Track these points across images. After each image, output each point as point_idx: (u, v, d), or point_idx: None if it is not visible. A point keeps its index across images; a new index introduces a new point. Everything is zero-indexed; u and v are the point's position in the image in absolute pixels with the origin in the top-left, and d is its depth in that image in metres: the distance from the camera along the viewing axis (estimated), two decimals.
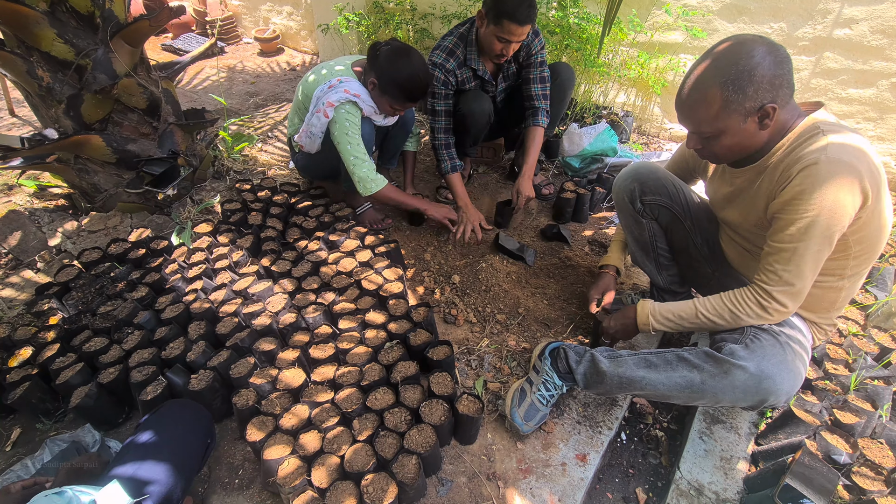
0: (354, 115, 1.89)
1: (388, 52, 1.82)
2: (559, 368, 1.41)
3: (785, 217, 1.12)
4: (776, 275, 1.15)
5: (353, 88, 1.88)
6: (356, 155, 1.92)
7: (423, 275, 2.01)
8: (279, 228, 2.07)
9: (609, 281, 1.65)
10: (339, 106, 1.87)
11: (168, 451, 1.07)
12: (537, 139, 2.21)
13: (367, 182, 1.95)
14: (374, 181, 1.95)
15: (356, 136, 1.91)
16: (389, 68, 1.82)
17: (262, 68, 4.39)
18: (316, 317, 1.60)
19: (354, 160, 1.92)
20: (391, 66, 1.82)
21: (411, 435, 1.26)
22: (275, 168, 2.74)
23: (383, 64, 1.83)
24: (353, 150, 1.91)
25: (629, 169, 1.54)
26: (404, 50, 1.83)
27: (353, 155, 1.92)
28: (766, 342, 1.15)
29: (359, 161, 1.93)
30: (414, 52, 1.84)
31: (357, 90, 1.89)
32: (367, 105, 1.91)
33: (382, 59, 1.83)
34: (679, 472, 1.35)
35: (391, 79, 1.83)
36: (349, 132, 1.89)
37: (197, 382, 1.41)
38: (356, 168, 1.93)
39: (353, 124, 1.89)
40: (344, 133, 1.89)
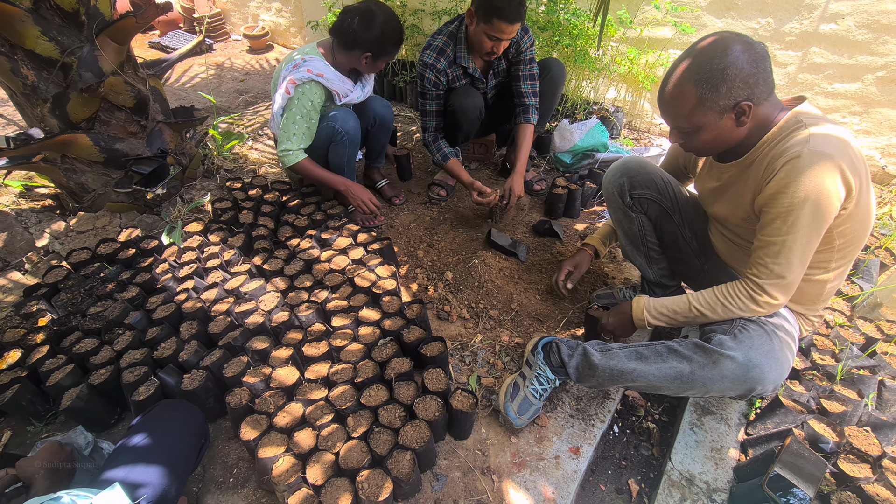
0: (314, 95, 1.93)
1: (361, 23, 1.84)
2: (552, 362, 1.43)
3: (772, 211, 1.13)
4: (766, 268, 1.16)
5: (317, 68, 1.91)
6: (293, 131, 1.95)
7: (416, 272, 2.01)
8: (271, 227, 2.06)
9: (584, 258, 1.70)
10: (301, 85, 1.90)
11: (161, 452, 1.07)
12: (528, 137, 2.21)
13: (288, 155, 1.97)
14: (295, 153, 1.97)
15: (304, 116, 1.94)
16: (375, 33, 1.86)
17: (252, 65, 4.35)
18: (309, 315, 1.60)
19: (285, 133, 1.95)
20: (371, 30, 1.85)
21: (406, 431, 1.27)
22: (265, 166, 2.73)
23: (369, 35, 1.86)
24: (292, 124, 1.94)
25: (618, 164, 1.55)
26: (369, 11, 1.85)
27: (289, 130, 1.95)
28: (754, 332, 1.17)
29: (290, 135, 1.95)
30: (373, 4, 1.88)
31: (321, 69, 1.91)
32: (332, 84, 1.94)
33: (362, 31, 1.85)
34: (671, 463, 1.37)
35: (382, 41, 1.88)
36: (300, 111, 1.92)
37: (190, 382, 1.40)
38: (284, 141, 1.96)
39: (308, 103, 1.92)
40: (294, 109, 1.92)
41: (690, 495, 1.30)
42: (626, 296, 1.82)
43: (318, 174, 2.02)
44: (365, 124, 2.15)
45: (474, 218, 2.36)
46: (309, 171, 2.01)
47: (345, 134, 1.98)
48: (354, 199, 2.06)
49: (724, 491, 1.30)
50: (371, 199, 2.07)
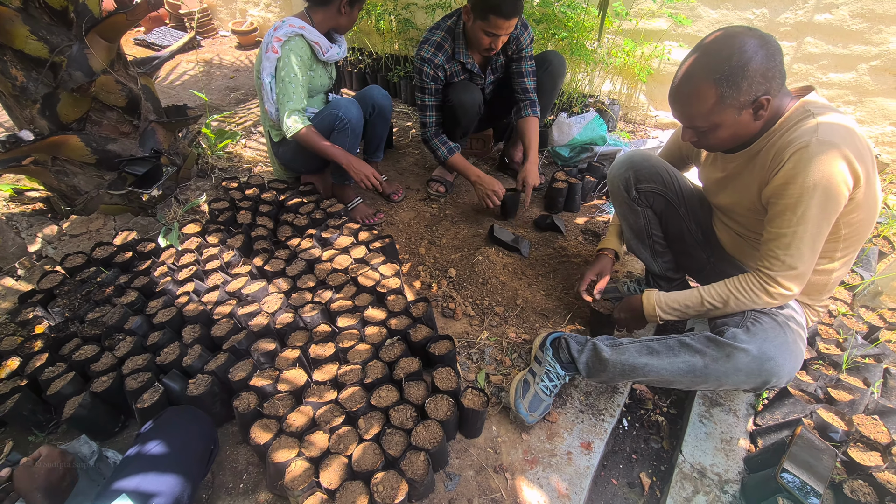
0: (301, 50, 1.95)
1: None
2: (561, 358, 1.42)
3: (781, 202, 1.13)
4: (778, 260, 1.16)
5: (297, 23, 1.95)
6: (291, 91, 1.95)
7: (419, 269, 2.00)
8: (270, 227, 2.02)
9: (606, 264, 1.66)
10: (287, 41, 1.93)
11: (172, 460, 1.05)
12: (534, 128, 2.21)
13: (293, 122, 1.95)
14: (299, 118, 1.96)
15: (297, 73, 1.94)
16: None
17: (241, 62, 4.28)
18: (314, 316, 1.58)
19: (284, 97, 1.95)
20: None
21: (418, 431, 1.26)
22: (261, 165, 2.68)
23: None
24: (289, 84, 1.94)
25: (623, 157, 1.54)
26: None
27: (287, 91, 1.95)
28: (767, 324, 1.17)
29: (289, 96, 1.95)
30: None
31: (301, 24, 1.96)
32: (313, 35, 1.98)
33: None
34: (682, 456, 1.37)
35: None
36: (293, 69, 1.93)
37: (195, 387, 1.37)
38: (285, 104, 1.96)
39: (298, 58, 1.94)
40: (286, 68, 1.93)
41: (703, 487, 1.30)
42: (629, 289, 1.82)
43: (320, 145, 1.99)
44: (363, 112, 2.12)
45: (475, 214, 2.35)
46: (311, 141, 1.98)
47: (347, 122, 1.96)
48: (357, 174, 2.03)
49: (735, 482, 1.31)
50: (374, 174, 2.04)
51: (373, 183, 2.06)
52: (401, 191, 2.46)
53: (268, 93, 2.03)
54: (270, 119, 2.13)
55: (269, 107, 2.07)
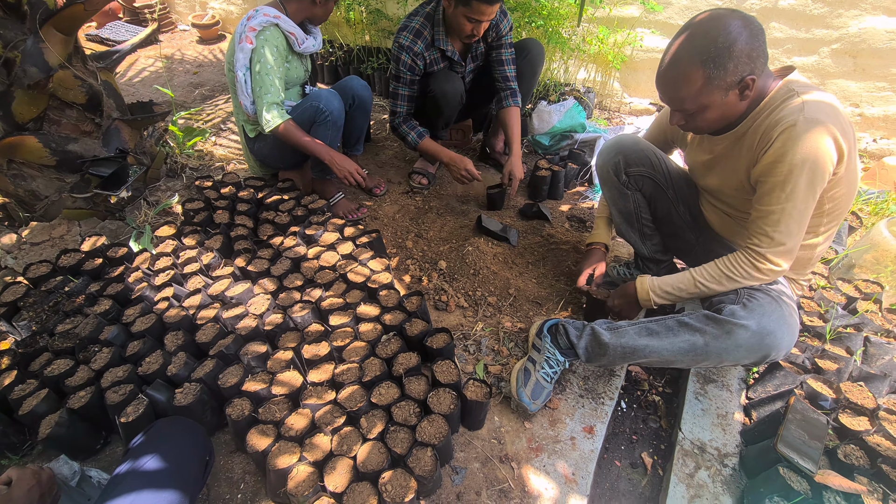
0: (277, 40, 1.89)
1: None
2: (560, 344, 1.42)
3: (769, 180, 1.16)
4: (767, 237, 1.19)
5: (272, 12, 1.88)
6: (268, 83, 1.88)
7: (408, 263, 1.96)
8: (250, 226, 1.95)
9: (599, 257, 1.67)
10: (262, 31, 1.87)
11: (168, 474, 0.98)
12: (516, 119, 2.19)
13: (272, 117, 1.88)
14: (278, 113, 1.89)
15: (274, 65, 1.88)
16: None
17: (204, 56, 4.10)
18: (304, 315, 1.52)
19: (262, 89, 1.88)
20: None
21: (423, 427, 1.23)
22: (234, 162, 2.58)
23: None
24: (265, 76, 1.87)
25: (612, 142, 1.54)
26: None
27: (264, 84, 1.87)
28: (763, 300, 1.19)
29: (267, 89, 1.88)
30: None
31: (276, 13, 1.89)
32: (288, 25, 1.91)
33: None
34: (681, 433, 1.40)
35: None
36: (269, 59, 1.86)
37: (183, 397, 1.30)
38: (263, 97, 1.88)
39: (274, 49, 1.88)
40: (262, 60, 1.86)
41: (704, 462, 1.33)
42: (619, 273, 1.84)
43: (301, 140, 1.92)
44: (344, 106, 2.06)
45: (461, 205, 2.32)
46: (292, 136, 1.91)
47: (329, 114, 1.90)
48: (340, 171, 1.98)
49: (734, 455, 1.34)
50: (357, 171, 1.99)
51: (356, 179, 2.00)
52: (383, 184, 2.41)
53: (242, 86, 1.94)
54: (245, 113, 2.04)
55: (244, 101, 1.99)
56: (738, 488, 1.28)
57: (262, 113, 1.88)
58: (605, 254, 1.69)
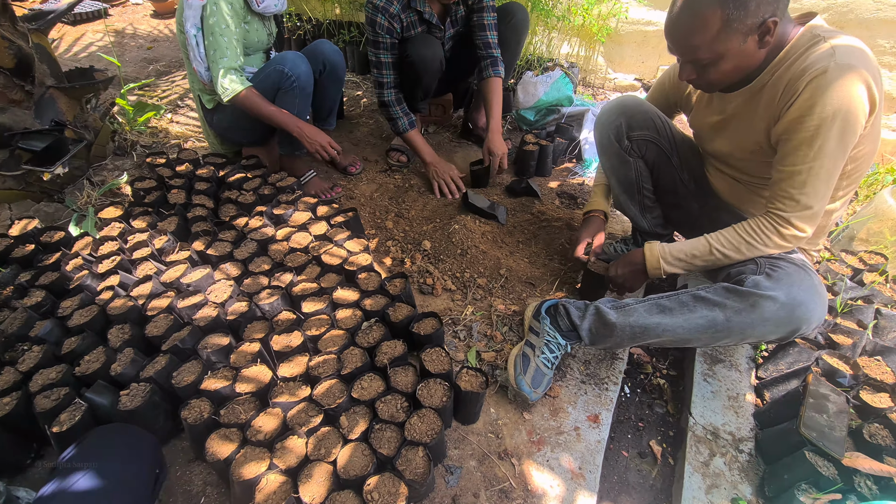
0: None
1: None
2: (560, 326, 1.29)
3: (795, 137, 1.04)
4: (792, 200, 1.07)
5: None
6: (224, 46, 1.67)
7: (388, 244, 1.79)
8: (209, 206, 1.74)
9: (599, 225, 1.54)
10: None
11: (103, 494, 0.80)
12: (497, 91, 2.03)
13: (229, 83, 1.67)
14: (237, 79, 1.68)
15: (229, 25, 1.67)
16: None
17: (160, 31, 3.78)
18: (273, 302, 1.34)
19: (217, 53, 1.67)
20: None
21: (412, 423, 1.08)
22: (192, 140, 2.34)
23: None
24: (220, 37, 1.66)
25: (614, 103, 1.41)
26: None
27: (218, 46, 1.66)
28: (789, 269, 1.08)
29: (222, 53, 1.67)
30: None
31: None
32: None
33: None
34: (692, 418, 1.29)
35: None
36: (223, 18, 1.65)
37: (129, 400, 1.11)
38: (218, 61, 1.67)
39: (229, 6, 1.65)
40: (215, 17, 1.65)
41: (718, 449, 1.22)
42: (616, 249, 1.72)
43: (265, 109, 1.71)
44: (313, 71, 1.86)
45: None
46: (254, 105, 1.70)
47: (295, 79, 1.69)
48: (311, 144, 1.77)
49: (749, 440, 1.24)
50: (330, 143, 1.80)
51: (329, 153, 1.81)
52: (358, 163, 2.22)
53: (194, 48, 1.72)
54: (200, 81, 1.82)
55: (197, 66, 1.76)
56: (756, 475, 1.17)
57: (219, 79, 1.66)
58: (605, 222, 1.56)
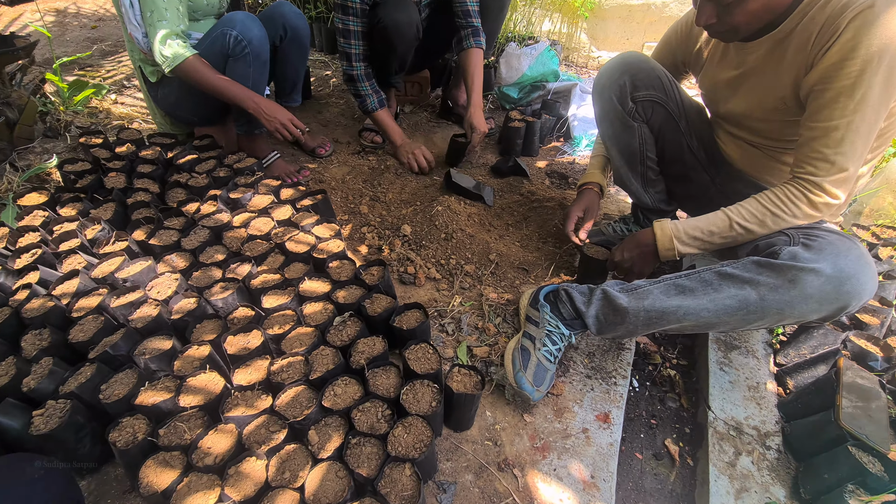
0: None
1: None
2: (562, 315, 1.13)
3: (833, 86, 0.90)
4: (826, 161, 0.93)
5: None
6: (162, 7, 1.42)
7: (364, 231, 1.60)
8: (154, 191, 1.51)
9: (593, 198, 1.39)
10: None
11: None
12: (479, 63, 1.86)
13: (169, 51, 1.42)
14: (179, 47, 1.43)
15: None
16: None
17: (106, 10, 3.46)
18: (227, 297, 1.14)
19: (154, 14, 1.42)
20: None
21: (397, 435, 0.90)
22: (139, 122, 2.08)
23: None
24: (163, 3, 1.42)
25: (615, 61, 1.25)
26: None
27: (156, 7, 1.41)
28: (830, 237, 0.94)
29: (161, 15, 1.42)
30: None
31: None
32: None
33: None
34: (711, 413, 1.15)
35: None
36: None
37: (44, 421, 0.90)
38: (156, 24, 1.43)
39: None
40: None
41: (744, 446, 1.08)
42: (616, 230, 1.57)
43: (212, 80, 1.47)
44: (271, 37, 1.64)
45: None
46: (201, 76, 1.46)
47: (247, 44, 1.47)
48: (270, 122, 1.54)
49: (776, 434, 1.11)
50: (292, 120, 1.56)
51: (291, 132, 1.59)
52: (328, 144, 2.02)
53: (128, 10, 1.48)
54: (140, 50, 1.58)
55: (133, 32, 1.52)
56: (787, 474, 1.04)
57: (157, 47, 1.43)
58: (600, 196, 1.41)
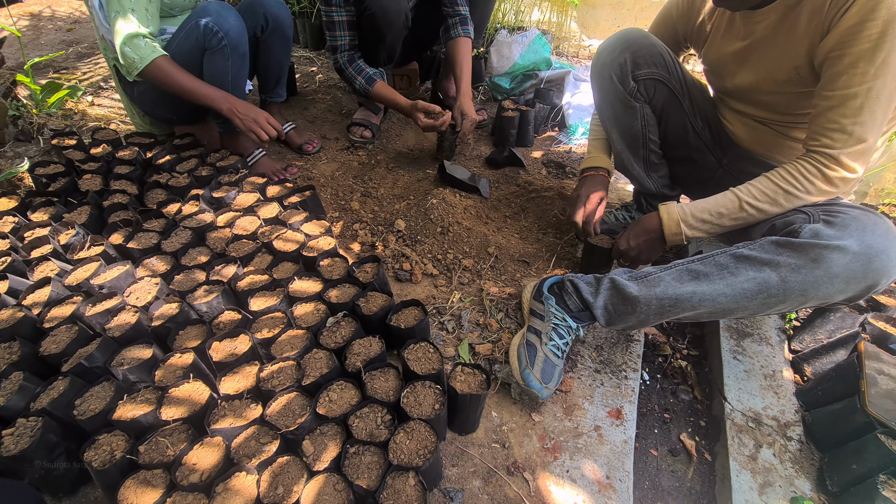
0: None
1: None
2: (569, 307, 1.07)
3: (851, 52, 0.85)
4: (843, 132, 0.88)
5: None
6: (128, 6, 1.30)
7: (355, 228, 1.53)
8: (133, 192, 1.43)
9: (601, 183, 1.28)
10: None
11: None
12: (467, 52, 1.79)
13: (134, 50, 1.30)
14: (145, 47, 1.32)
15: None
16: None
17: (81, 12, 3.36)
18: (212, 301, 1.07)
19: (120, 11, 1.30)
20: None
21: (398, 442, 0.83)
22: (116, 122, 2.00)
23: None
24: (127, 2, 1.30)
25: (615, 38, 1.19)
26: None
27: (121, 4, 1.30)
28: (853, 212, 0.89)
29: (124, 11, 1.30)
30: None
31: None
32: None
33: None
34: (728, 404, 1.09)
35: None
36: None
37: (14, 441, 0.82)
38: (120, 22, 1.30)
39: None
40: None
41: (763, 438, 1.03)
42: (618, 218, 1.51)
43: (182, 82, 1.36)
44: (252, 28, 1.56)
45: (414, 157, 1.91)
46: (169, 79, 1.35)
47: (223, 35, 1.39)
48: (243, 121, 1.42)
49: (796, 424, 1.05)
50: (268, 119, 1.45)
51: (268, 132, 1.45)
52: (315, 140, 1.94)
53: (97, 12, 1.40)
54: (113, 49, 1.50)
55: (106, 34, 1.44)
56: (812, 466, 0.99)
57: (121, 49, 1.32)
58: (608, 181, 1.32)
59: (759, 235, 0.99)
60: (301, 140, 1.92)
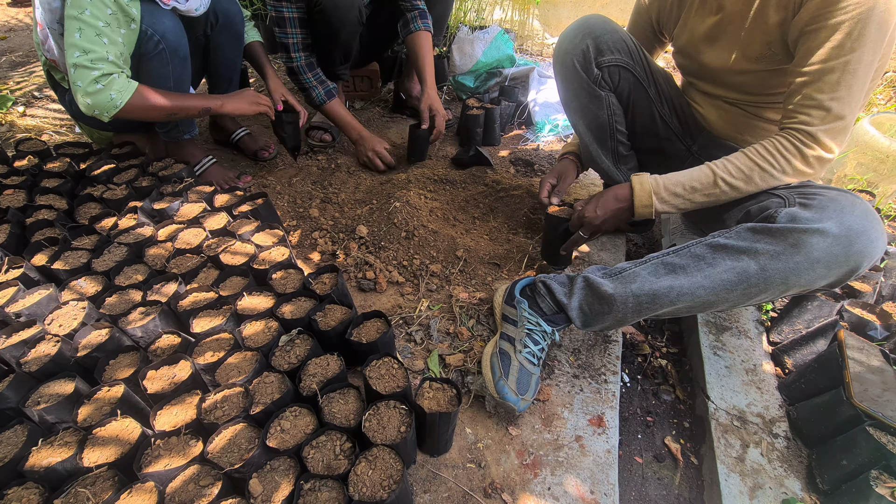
0: None
1: None
2: (542, 309, 1.01)
3: (827, 23, 0.82)
4: (820, 108, 0.85)
5: None
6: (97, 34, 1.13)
7: (315, 236, 1.43)
8: (61, 207, 1.29)
9: (567, 165, 1.32)
10: None
11: None
12: (427, 45, 1.73)
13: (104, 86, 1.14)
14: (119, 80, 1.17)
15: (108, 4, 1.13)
16: None
17: (16, 20, 3.15)
18: (147, 324, 0.95)
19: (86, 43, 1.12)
20: None
21: (360, 473, 0.74)
22: (48, 133, 1.84)
23: None
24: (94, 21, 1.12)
25: (576, 25, 1.14)
26: None
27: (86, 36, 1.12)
28: (829, 193, 0.85)
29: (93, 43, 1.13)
30: None
31: None
32: None
33: None
34: (711, 403, 1.04)
35: None
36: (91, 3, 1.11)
37: None
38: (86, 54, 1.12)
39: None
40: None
41: (750, 437, 0.98)
42: None
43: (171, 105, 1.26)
44: (200, 26, 1.44)
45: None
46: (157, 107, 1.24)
47: (159, 39, 1.26)
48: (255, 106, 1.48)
49: (781, 419, 1.01)
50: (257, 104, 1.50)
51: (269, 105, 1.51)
52: (271, 146, 1.83)
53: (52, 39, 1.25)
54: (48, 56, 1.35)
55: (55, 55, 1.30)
56: (800, 464, 0.94)
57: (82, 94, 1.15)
58: (577, 165, 1.33)
59: (735, 223, 0.94)
60: (256, 146, 1.81)
